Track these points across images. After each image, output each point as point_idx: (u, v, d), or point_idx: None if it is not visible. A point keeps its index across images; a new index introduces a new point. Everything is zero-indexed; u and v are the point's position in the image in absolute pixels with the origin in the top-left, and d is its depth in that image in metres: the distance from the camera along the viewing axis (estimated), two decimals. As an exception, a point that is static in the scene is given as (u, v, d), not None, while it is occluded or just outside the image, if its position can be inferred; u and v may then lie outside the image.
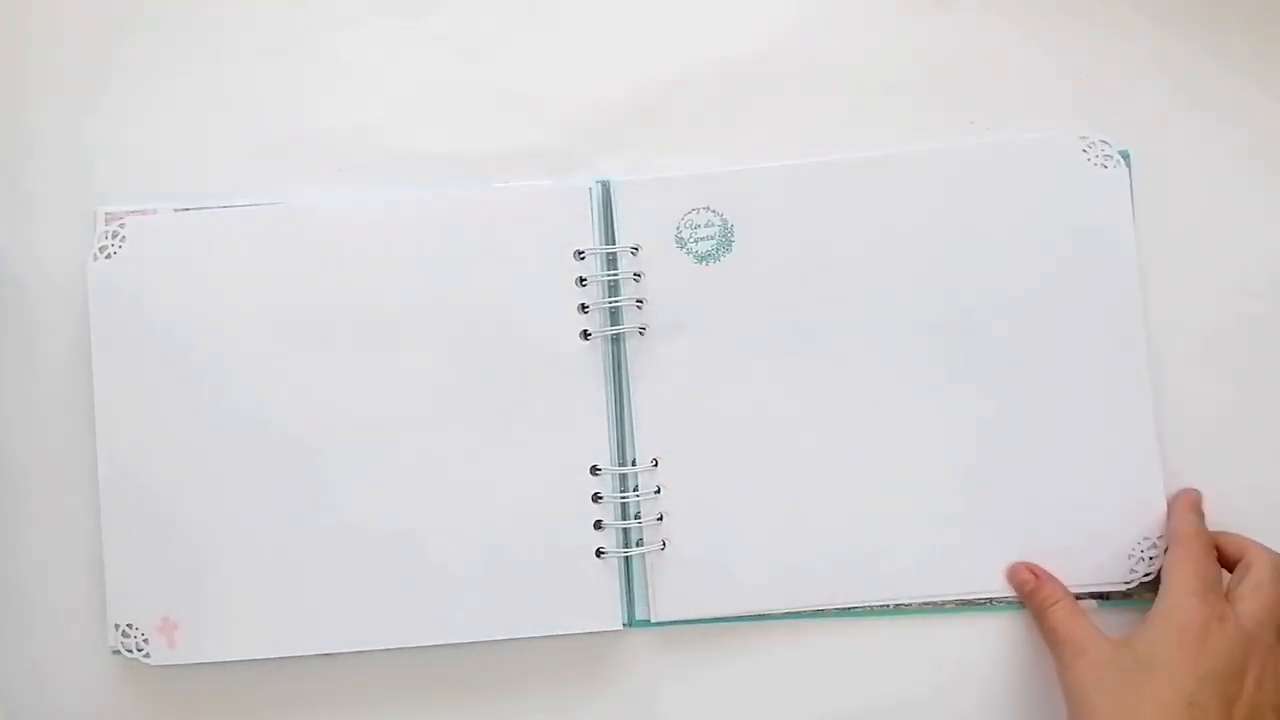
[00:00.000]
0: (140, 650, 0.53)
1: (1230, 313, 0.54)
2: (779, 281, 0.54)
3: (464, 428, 0.53)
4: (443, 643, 0.53)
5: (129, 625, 0.53)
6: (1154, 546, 0.52)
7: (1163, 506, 0.53)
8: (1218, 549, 0.51)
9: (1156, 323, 0.54)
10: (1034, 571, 0.52)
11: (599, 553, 0.53)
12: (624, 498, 0.53)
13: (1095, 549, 0.53)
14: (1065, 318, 0.53)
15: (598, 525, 0.53)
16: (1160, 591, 0.50)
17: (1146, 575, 0.52)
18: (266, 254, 0.54)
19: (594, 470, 0.53)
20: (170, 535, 0.53)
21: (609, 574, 0.53)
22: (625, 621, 0.53)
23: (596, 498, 0.53)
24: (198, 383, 0.54)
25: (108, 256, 0.54)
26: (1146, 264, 0.54)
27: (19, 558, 0.55)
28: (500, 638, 0.53)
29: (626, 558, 0.53)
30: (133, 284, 0.54)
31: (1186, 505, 0.52)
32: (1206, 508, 0.53)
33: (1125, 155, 0.54)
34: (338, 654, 0.53)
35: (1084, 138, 0.54)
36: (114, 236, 0.54)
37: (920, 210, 0.54)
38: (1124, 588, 0.52)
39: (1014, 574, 0.53)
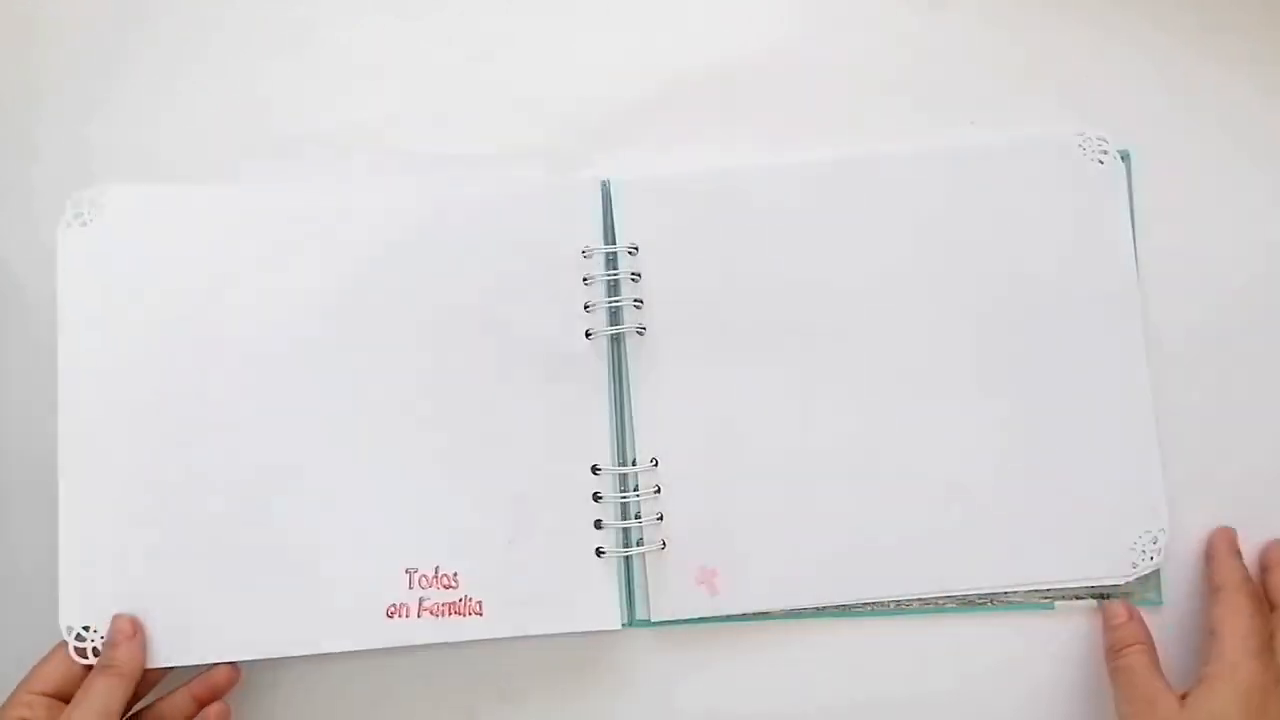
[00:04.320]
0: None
1: (1230, 311, 0.54)
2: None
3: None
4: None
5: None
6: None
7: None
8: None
9: (1157, 321, 0.54)
10: (1130, 610, 0.52)
11: (599, 552, 0.53)
12: (624, 497, 0.53)
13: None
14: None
15: (598, 525, 0.53)
16: (1215, 647, 0.49)
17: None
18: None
19: (594, 469, 0.53)
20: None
21: (609, 573, 0.53)
22: (625, 621, 0.53)
23: (596, 497, 0.53)
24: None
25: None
26: (1147, 264, 0.54)
27: (20, 558, 0.54)
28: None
29: (626, 557, 0.53)
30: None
31: (1228, 549, 0.52)
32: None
33: (1125, 155, 0.54)
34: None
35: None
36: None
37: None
38: (1124, 581, 0.52)
39: (1109, 607, 0.52)
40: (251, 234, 0.54)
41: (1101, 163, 0.54)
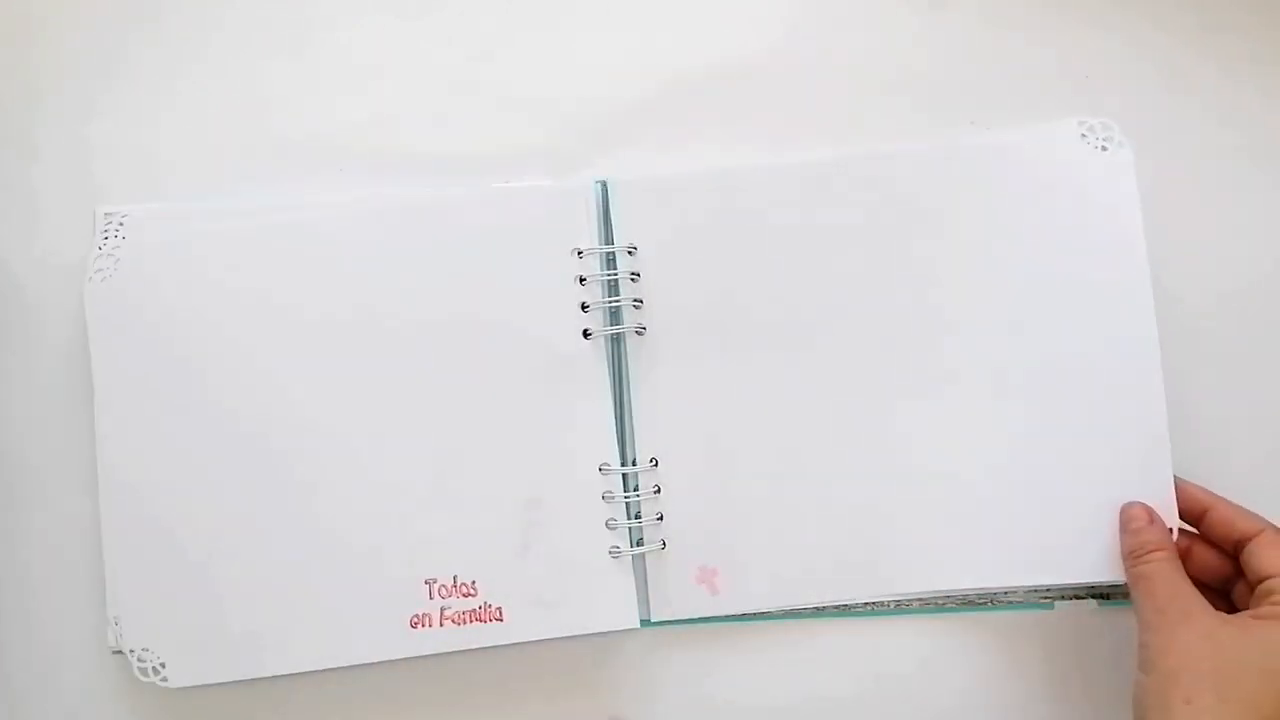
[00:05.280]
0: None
1: (1231, 310, 0.55)
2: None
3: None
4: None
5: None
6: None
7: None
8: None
9: (1161, 321, 0.53)
10: (1151, 514, 0.48)
11: (610, 552, 0.53)
12: (625, 497, 0.53)
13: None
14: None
15: (609, 524, 0.53)
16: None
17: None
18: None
19: (601, 469, 0.53)
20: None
21: (623, 573, 0.53)
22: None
23: (603, 497, 0.53)
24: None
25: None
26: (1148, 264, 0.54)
27: (20, 559, 0.54)
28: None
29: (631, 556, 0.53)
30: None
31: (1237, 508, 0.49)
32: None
33: (1124, 155, 0.54)
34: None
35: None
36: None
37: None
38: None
39: (1127, 509, 0.49)
40: (258, 254, 0.54)
41: (1105, 149, 0.53)
